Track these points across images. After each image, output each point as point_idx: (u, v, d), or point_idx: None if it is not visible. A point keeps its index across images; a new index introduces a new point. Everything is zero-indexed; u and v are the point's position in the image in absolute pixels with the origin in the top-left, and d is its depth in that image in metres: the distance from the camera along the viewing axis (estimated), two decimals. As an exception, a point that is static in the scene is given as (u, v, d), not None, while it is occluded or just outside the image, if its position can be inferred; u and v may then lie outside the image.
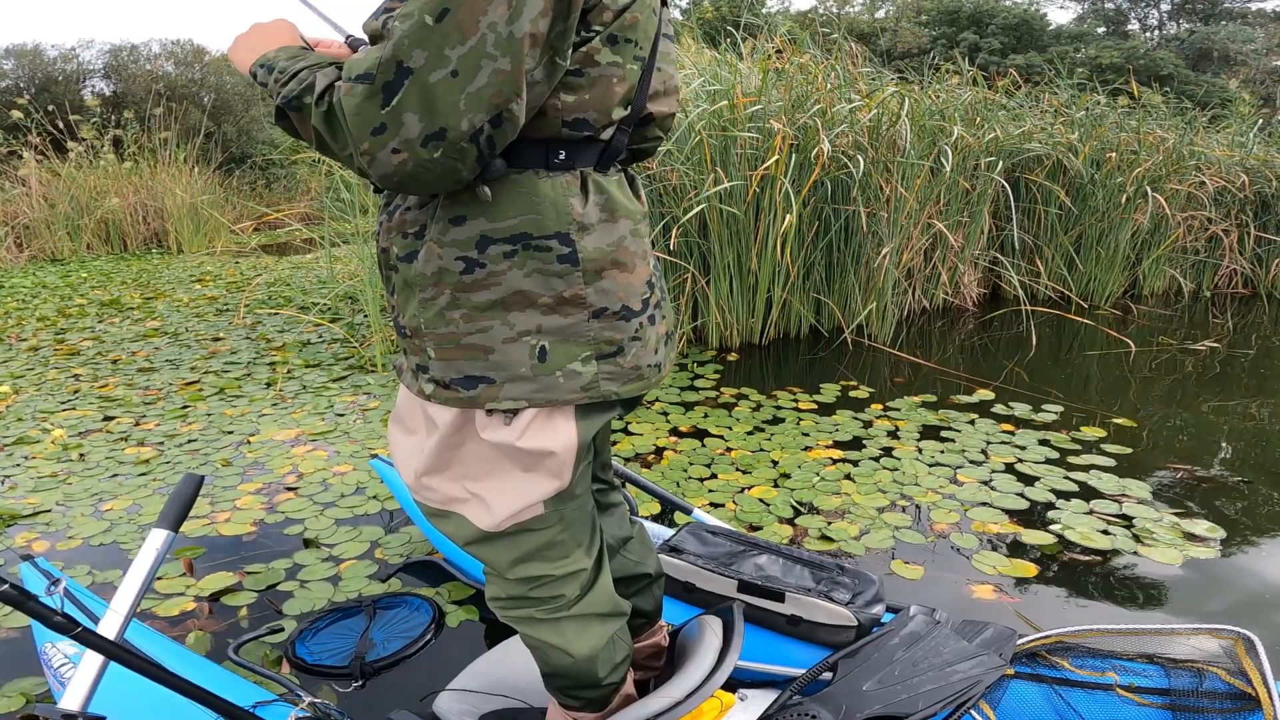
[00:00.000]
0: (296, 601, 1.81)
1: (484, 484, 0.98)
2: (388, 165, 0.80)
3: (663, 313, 1.06)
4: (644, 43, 0.91)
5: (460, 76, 0.77)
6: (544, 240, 0.90)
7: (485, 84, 0.77)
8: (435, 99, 0.77)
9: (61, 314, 4.93)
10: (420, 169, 0.81)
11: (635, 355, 0.98)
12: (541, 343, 0.92)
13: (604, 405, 1.00)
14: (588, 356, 0.94)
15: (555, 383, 0.93)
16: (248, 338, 4.31)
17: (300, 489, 2.40)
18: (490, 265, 0.90)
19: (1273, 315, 5.62)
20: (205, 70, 11.56)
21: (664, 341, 1.05)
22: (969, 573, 1.97)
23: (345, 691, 1.49)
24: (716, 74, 4.09)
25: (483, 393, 0.93)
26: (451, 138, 0.79)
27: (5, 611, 1.76)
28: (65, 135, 8.15)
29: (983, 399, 3.37)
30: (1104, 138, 5.30)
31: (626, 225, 0.97)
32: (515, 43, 0.77)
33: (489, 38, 0.76)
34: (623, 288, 0.96)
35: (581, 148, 0.92)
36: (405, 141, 0.79)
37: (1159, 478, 2.59)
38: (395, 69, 0.77)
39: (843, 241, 4.21)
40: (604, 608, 1.09)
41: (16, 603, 0.85)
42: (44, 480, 2.47)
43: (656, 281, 1.04)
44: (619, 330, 0.96)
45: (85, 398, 3.28)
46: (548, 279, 0.91)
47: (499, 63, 0.77)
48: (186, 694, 0.98)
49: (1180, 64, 12.55)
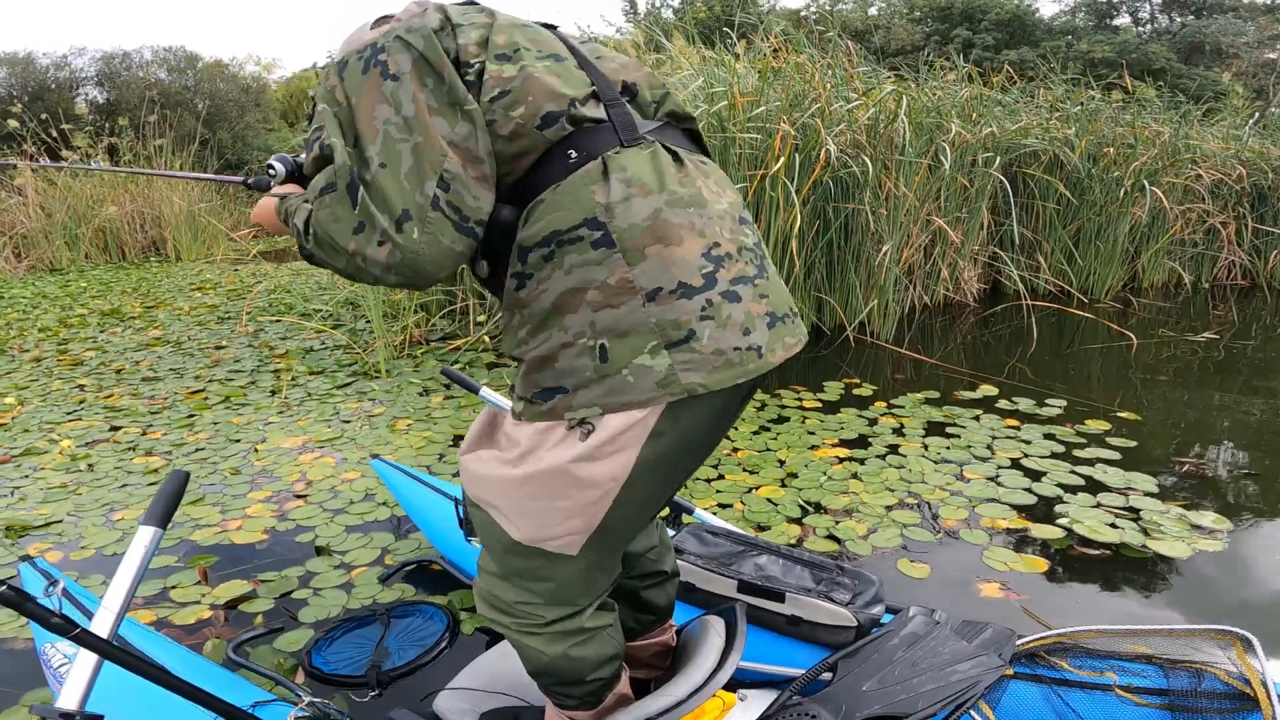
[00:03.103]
0: (311, 609, 1.81)
1: (537, 503, 0.95)
2: (380, 259, 0.89)
3: (758, 290, 0.96)
4: (538, 47, 0.96)
5: (390, 165, 0.88)
6: (573, 231, 0.90)
7: (413, 161, 0.88)
8: (385, 190, 0.88)
9: (63, 324, 4.92)
10: (410, 253, 0.88)
11: (714, 337, 0.90)
12: (600, 341, 0.89)
13: (697, 401, 0.91)
14: (655, 346, 0.88)
15: (625, 382, 0.88)
16: (250, 345, 4.31)
17: (310, 496, 2.41)
18: (536, 273, 0.92)
19: (1272, 306, 5.65)
20: (199, 77, 11.53)
21: (767, 322, 0.95)
22: (979, 569, 1.99)
23: (362, 701, 1.49)
24: (713, 74, 4.10)
25: (559, 403, 0.91)
26: (416, 214, 0.87)
27: (21, 622, 1.76)
28: (59, 144, 8.13)
29: (986, 394, 3.38)
30: (1100, 132, 5.32)
31: (659, 198, 0.92)
32: (412, 121, 0.88)
33: (390, 130, 0.89)
34: (673, 263, 0.90)
35: (585, 137, 0.93)
36: (383, 232, 0.88)
37: (1164, 470, 2.60)
38: (349, 173, 0.89)
39: (843, 239, 4.22)
40: (579, 633, 1.06)
41: (14, 604, 0.84)
42: (54, 491, 2.47)
43: (733, 255, 0.95)
44: (681, 310, 0.89)
45: (91, 408, 3.28)
46: (588, 270, 0.89)
47: (411, 141, 0.88)
48: (182, 693, 0.98)
49: (1172, 58, 12.58)
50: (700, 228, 0.93)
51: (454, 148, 0.89)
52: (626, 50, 4.99)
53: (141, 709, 1.17)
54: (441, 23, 0.93)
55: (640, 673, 1.34)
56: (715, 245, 0.94)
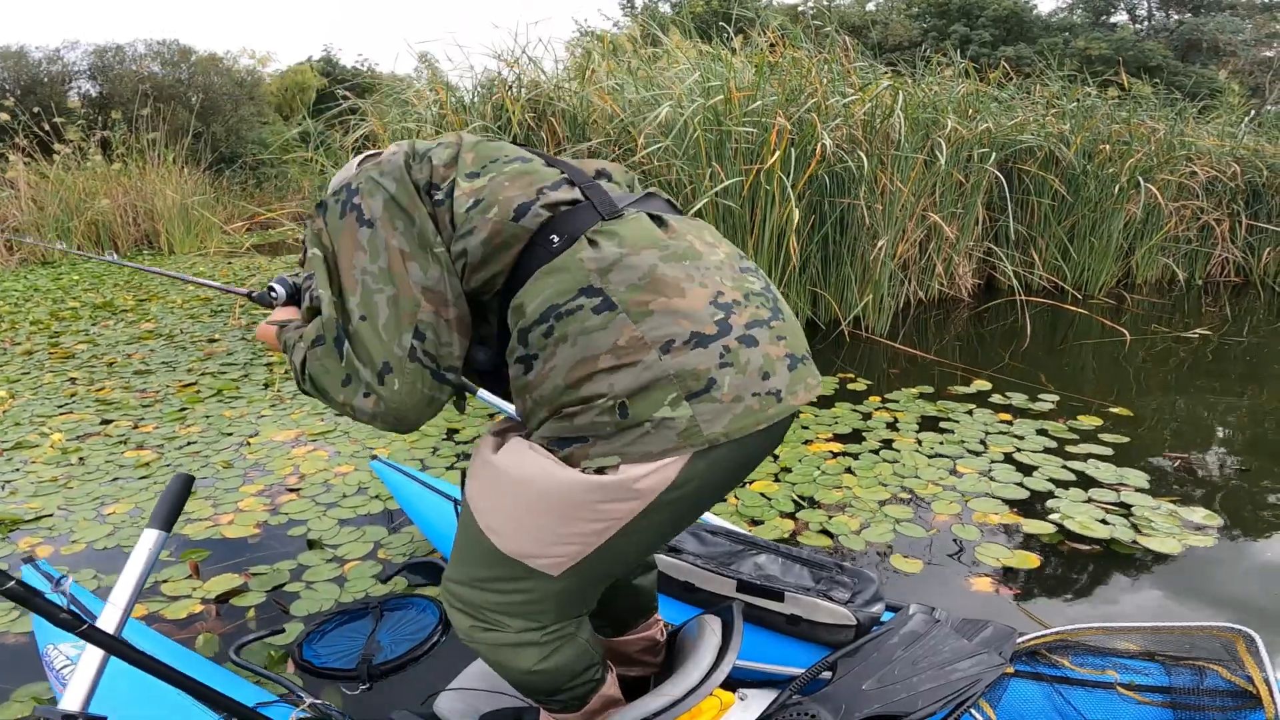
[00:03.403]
0: (303, 603, 1.81)
1: (534, 518, 0.93)
2: (367, 409, 0.94)
3: (775, 332, 0.95)
4: (504, 155, 1.01)
5: (369, 318, 0.93)
6: (571, 302, 0.90)
7: (389, 314, 0.93)
8: (366, 343, 0.93)
9: (55, 317, 4.90)
10: (394, 403, 0.93)
11: (735, 384, 0.89)
12: (619, 401, 0.88)
13: (718, 451, 0.89)
14: (675, 398, 0.87)
15: (645, 434, 0.87)
16: (243, 338, 4.29)
17: (302, 490, 2.40)
18: (540, 353, 0.91)
19: (1265, 303, 5.67)
20: (192, 70, 11.47)
21: (787, 364, 0.95)
22: (971, 565, 1.99)
23: (352, 694, 1.49)
24: (710, 69, 4.09)
25: (576, 451, 0.90)
26: (396, 366, 0.93)
27: (13, 616, 1.76)
28: (52, 137, 8.07)
29: (980, 389, 3.39)
30: (1095, 129, 5.33)
31: (653, 254, 0.92)
32: (386, 272, 0.93)
33: (367, 281, 0.94)
34: (681, 314, 0.90)
35: (564, 220, 0.95)
36: (367, 384, 0.93)
37: (1156, 466, 2.61)
38: (335, 327, 0.95)
39: (838, 234, 4.22)
40: (544, 644, 1.02)
41: (22, 599, 0.84)
42: (44, 485, 2.45)
43: (741, 301, 0.94)
44: (699, 360, 0.88)
45: (82, 401, 3.27)
46: (594, 336, 0.88)
47: (386, 292, 0.93)
48: (188, 690, 0.97)
49: (1169, 55, 12.60)
50: (700, 279, 0.93)
51: (427, 294, 0.94)
52: (623, 45, 4.97)
53: (143, 710, 1.17)
54: (409, 154, 1.01)
55: (634, 670, 1.33)
56: (719, 294, 0.93)
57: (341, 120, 4.87)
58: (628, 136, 3.87)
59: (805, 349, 1.01)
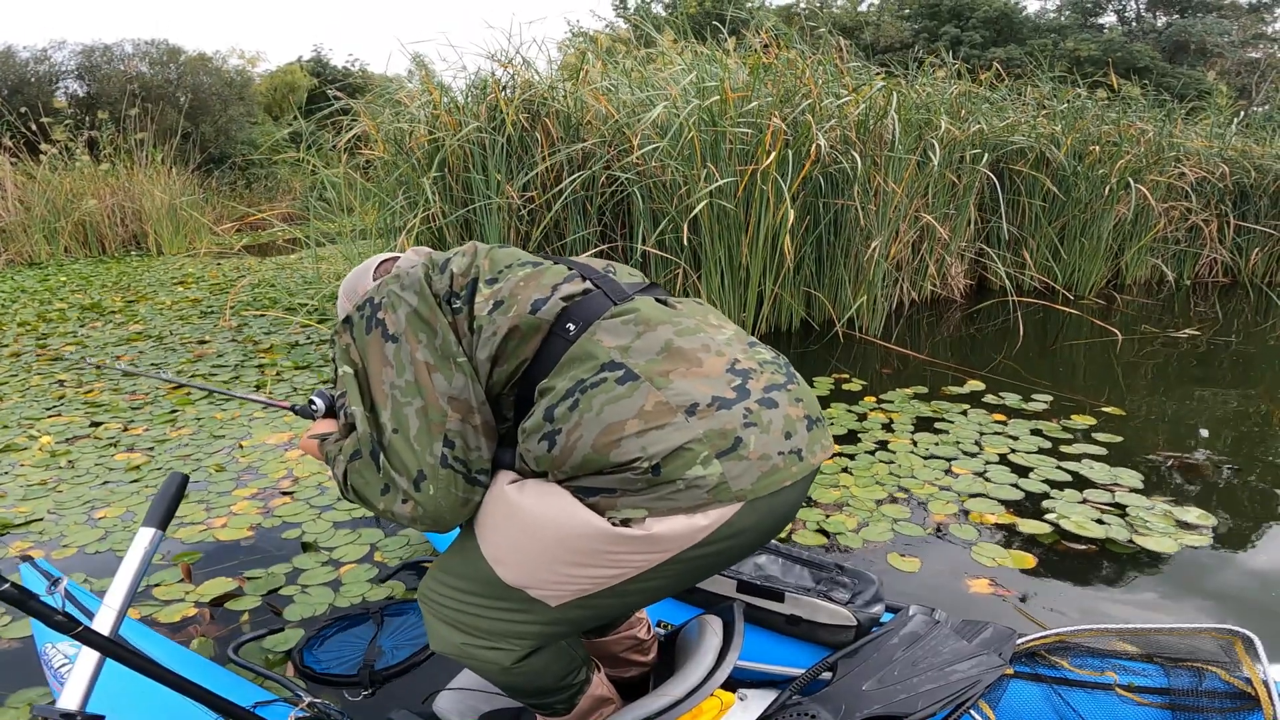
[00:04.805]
0: (298, 606, 1.79)
1: (539, 549, 0.94)
2: (406, 514, 0.97)
3: (793, 395, 0.99)
4: (518, 260, 1.07)
5: (401, 431, 0.97)
6: (595, 376, 0.93)
7: (420, 425, 0.97)
8: (400, 454, 0.97)
9: (42, 319, 4.84)
10: (430, 507, 0.96)
11: (760, 442, 0.92)
12: (654, 464, 0.88)
13: (750, 509, 0.91)
14: (707, 456, 0.89)
15: (677, 490, 0.88)
16: (234, 340, 4.26)
17: (296, 493, 2.38)
18: (564, 425, 0.91)
19: (1253, 303, 5.72)
20: (181, 70, 11.39)
21: (805, 424, 0.98)
22: (967, 565, 1.99)
23: (355, 700, 1.47)
24: (705, 69, 4.09)
25: (602, 501, 0.90)
26: (430, 474, 0.96)
27: (5, 621, 1.73)
28: (39, 138, 7.99)
29: (974, 389, 3.40)
30: (1085, 130, 5.36)
31: (667, 330, 0.98)
32: (413, 385, 0.98)
33: (396, 395, 0.98)
34: (700, 380, 0.93)
35: (578, 309, 1.00)
36: (404, 493, 0.97)
37: (1149, 465, 2.62)
38: (370, 441, 0.99)
39: (832, 235, 4.23)
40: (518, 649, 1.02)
41: (18, 602, 0.84)
42: (34, 488, 2.42)
43: (756, 369, 0.98)
44: (725, 420, 0.91)
45: (71, 403, 3.23)
46: (620, 404, 0.90)
47: (415, 404, 0.97)
48: (185, 692, 0.97)
49: (1157, 56, 12.70)
50: (716, 349, 0.98)
51: (453, 403, 0.98)
52: (617, 45, 4.97)
53: (142, 710, 1.16)
54: (428, 265, 1.06)
55: (629, 671, 1.32)
56: (735, 361, 0.98)
57: (333, 121, 4.85)
58: (622, 137, 3.86)
59: (819, 412, 1.05)
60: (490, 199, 3.83)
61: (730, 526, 0.91)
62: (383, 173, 4.39)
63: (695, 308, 1.07)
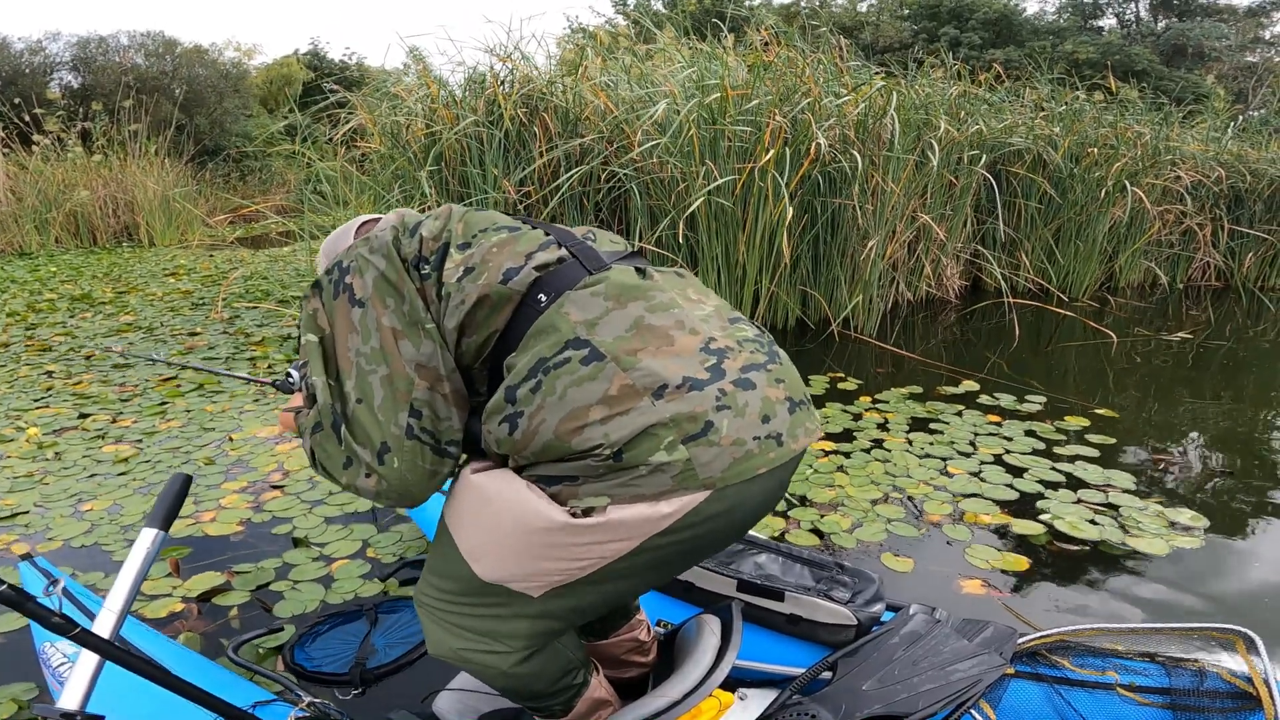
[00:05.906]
0: (288, 603, 1.77)
1: (511, 544, 0.91)
2: (370, 488, 0.94)
3: (774, 375, 0.94)
4: (493, 224, 1.02)
5: (365, 400, 0.93)
6: (558, 355, 0.89)
7: (385, 394, 0.93)
8: (363, 425, 0.93)
9: (31, 309, 4.80)
10: (395, 481, 0.93)
11: (734, 426, 0.87)
12: (615, 450, 0.85)
13: (719, 497, 0.87)
14: (671, 442, 0.85)
15: (640, 476, 0.85)
16: (225, 332, 4.23)
17: (287, 487, 2.36)
18: (525, 409, 0.88)
19: (1245, 307, 5.74)
20: (177, 62, 11.29)
21: (787, 407, 0.93)
22: (961, 565, 1.99)
23: (345, 699, 1.45)
24: (705, 67, 4.07)
25: (563, 490, 0.88)
26: (394, 445, 0.92)
27: None
28: (31, 128, 7.93)
29: (968, 390, 3.40)
30: (1083, 132, 5.37)
31: (638, 305, 0.93)
32: (379, 351, 0.94)
33: (361, 362, 0.94)
34: (671, 359, 0.88)
35: (551, 279, 0.96)
36: (368, 465, 0.93)
37: (1142, 467, 2.62)
38: (332, 412, 0.95)
39: (829, 234, 4.22)
40: (515, 651, 1.00)
41: (14, 603, 0.82)
42: (20, 480, 2.40)
43: (734, 347, 0.94)
44: (694, 403, 0.86)
45: (59, 395, 3.20)
46: (584, 387, 0.86)
47: (380, 371, 0.93)
48: (183, 694, 0.96)
49: (1155, 60, 12.74)
50: (690, 326, 0.93)
51: (420, 370, 0.94)
52: (616, 41, 4.95)
53: (143, 709, 1.14)
54: (398, 228, 1.01)
55: (628, 672, 1.31)
56: (710, 340, 0.93)
57: (329, 114, 4.81)
58: (621, 133, 3.84)
59: (804, 393, 0.99)
60: (487, 193, 3.81)
61: (697, 514, 0.86)
62: (378, 166, 4.36)
63: (674, 280, 1.01)
